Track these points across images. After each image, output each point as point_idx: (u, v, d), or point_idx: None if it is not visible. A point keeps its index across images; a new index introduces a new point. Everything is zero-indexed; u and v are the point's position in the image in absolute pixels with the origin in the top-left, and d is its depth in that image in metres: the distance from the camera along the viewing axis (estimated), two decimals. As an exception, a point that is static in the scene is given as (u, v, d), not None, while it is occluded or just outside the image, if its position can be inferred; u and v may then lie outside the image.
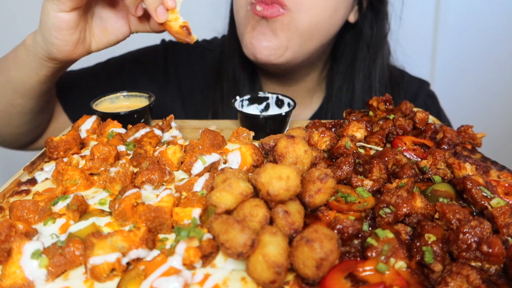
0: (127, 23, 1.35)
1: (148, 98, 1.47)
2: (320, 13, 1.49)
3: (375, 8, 1.72)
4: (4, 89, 1.44)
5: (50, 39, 1.23)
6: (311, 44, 1.58)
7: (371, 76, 1.77)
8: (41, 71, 1.34)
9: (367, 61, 1.76)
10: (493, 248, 0.73)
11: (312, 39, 1.56)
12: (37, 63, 1.32)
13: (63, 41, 1.23)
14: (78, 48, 1.29)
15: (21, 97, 1.43)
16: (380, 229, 0.81)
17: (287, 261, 0.70)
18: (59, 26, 1.20)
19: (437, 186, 0.98)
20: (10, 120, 1.51)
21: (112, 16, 1.34)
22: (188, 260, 0.74)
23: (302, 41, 1.54)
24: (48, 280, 0.75)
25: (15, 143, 1.68)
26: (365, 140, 1.26)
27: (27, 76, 1.37)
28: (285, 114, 1.31)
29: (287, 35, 1.50)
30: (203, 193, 0.93)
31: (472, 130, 1.29)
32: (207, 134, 1.17)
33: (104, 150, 1.08)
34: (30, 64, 1.34)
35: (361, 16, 1.73)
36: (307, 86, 1.88)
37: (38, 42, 1.27)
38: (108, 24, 1.34)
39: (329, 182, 0.85)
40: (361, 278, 0.72)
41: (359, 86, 1.77)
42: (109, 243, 0.76)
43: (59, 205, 0.90)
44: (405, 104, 1.38)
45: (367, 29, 1.74)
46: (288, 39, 1.51)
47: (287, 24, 1.48)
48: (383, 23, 1.74)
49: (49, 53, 1.27)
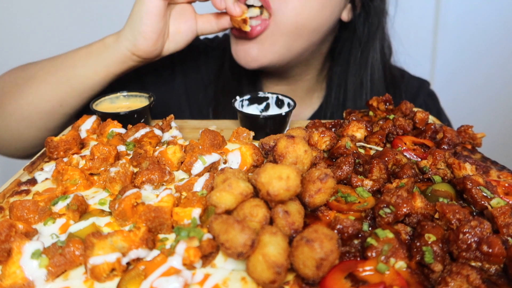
0: (195, 24, 1.51)
1: (148, 98, 1.47)
2: (304, 12, 1.49)
3: (365, 5, 1.72)
4: (60, 87, 1.49)
5: (140, 27, 1.38)
6: (299, 43, 1.58)
7: (361, 74, 1.77)
8: (114, 67, 1.46)
9: (358, 60, 1.77)
10: (493, 248, 0.73)
11: (299, 38, 1.56)
12: (114, 59, 1.44)
13: (151, 28, 1.38)
14: (159, 41, 1.43)
15: (76, 96, 1.50)
16: (380, 229, 0.81)
17: (287, 261, 0.70)
18: (152, 11, 1.36)
19: (437, 186, 0.98)
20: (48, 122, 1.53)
21: (184, 16, 1.49)
22: (188, 260, 0.74)
23: (288, 43, 1.55)
24: (48, 280, 0.75)
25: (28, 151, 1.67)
26: (365, 140, 1.26)
27: (94, 73, 1.47)
28: (285, 114, 1.31)
29: (272, 41, 1.53)
30: (203, 193, 0.93)
31: (472, 130, 1.29)
32: (207, 134, 1.17)
33: (104, 150, 1.08)
34: (105, 61, 1.45)
35: (355, 14, 1.73)
36: (306, 85, 1.89)
37: (125, 35, 1.41)
38: (180, 24, 1.48)
39: (329, 182, 0.85)
40: (361, 278, 0.72)
41: (351, 85, 1.78)
42: (109, 243, 0.76)
43: (59, 205, 0.90)
44: (405, 104, 1.38)
45: (360, 27, 1.74)
46: (273, 44, 1.54)
47: (271, 31, 1.51)
48: (374, 20, 1.74)
49: (134, 44, 1.41)
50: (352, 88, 1.78)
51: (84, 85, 1.48)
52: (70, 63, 1.49)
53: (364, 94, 1.77)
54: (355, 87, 1.78)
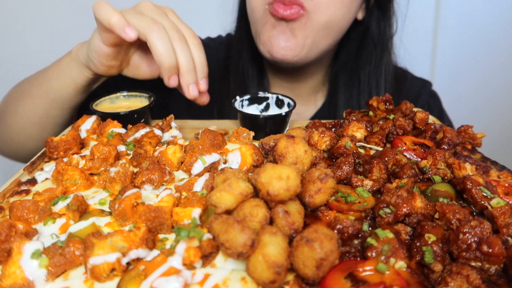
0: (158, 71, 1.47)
1: (148, 98, 1.47)
2: (336, 11, 1.52)
3: (382, 5, 1.74)
4: (42, 99, 1.50)
5: (90, 56, 1.36)
6: (325, 41, 1.61)
7: (377, 73, 1.79)
8: (79, 79, 1.44)
9: (374, 58, 1.78)
10: (493, 248, 0.73)
11: (327, 36, 1.59)
12: (78, 71, 1.43)
13: (100, 63, 1.36)
14: (112, 70, 1.42)
15: (57, 107, 1.51)
16: (380, 229, 0.81)
17: (287, 261, 0.70)
18: (100, 53, 1.33)
19: (437, 186, 0.98)
20: (42, 133, 1.55)
21: (148, 61, 1.46)
22: (188, 260, 0.74)
23: (317, 39, 1.57)
24: (48, 280, 0.75)
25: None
26: (365, 140, 1.26)
27: (66, 85, 1.46)
28: (285, 114, 1.31)
29: (304, 34, 1.54)
30: (203, 193, 0.93)
31: (472, 130, 1.29)
32: (207, 134, 1.17)
33: (104, 150, 1.08)
34: (71, 72, 1.44)
35: (368, 13, 1.75)
36: (313, 83, 1.90)
37: (83, 50, 1.39)
38: (142, 65, 1.47)
39: (329, 182, 0.85)
40: (361, 278, 0.72)
41: (366, 82, 1.79)
42: (109, 243, 0.76)
43: (59, 205, 0.90)
44: (405, 104, 1.38)
45: (374, 26, 1.77)
46: (305, 38, 1.55)
47: (304, 24, 1.52)
48: (390, 21, 1.77)
49: (87, 64, 1.40)
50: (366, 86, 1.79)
51: (61, 97, 1.49)
52: (47, 76, 1.50)
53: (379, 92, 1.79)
54: (370, 86, 1.79)
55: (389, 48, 1.80)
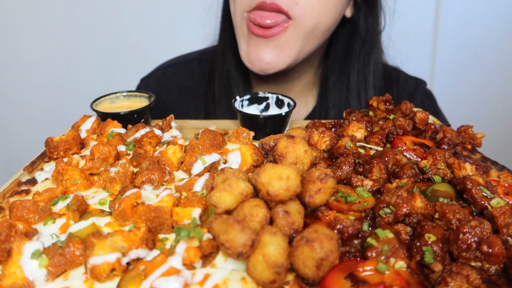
0: None
1: (148, 98, 1.47)
2: (322, 12, 1.48)
3: (369, 1, 1.70)
4: None
5: None
6: (312, 43, 1.57)
7: (366, 70, 1.75)
8: None
9: (362, 56, 1.74)
10: (493, 248, 0.73)
11: (313, 38, 1.55)
12: None
13: None
14: None
15: None
16: (380, 229, 0.81)
17: (287, 261, 0.70)
18: None
19: (437, 186, 0.98)
20: None
21: None
22: (188, 260, 0.74)
23: (303, 44, 1.52)
24: (48, 280, 0.75)
25: None
26: (365, 140, 1.26)
27: None
28: (285, 114, 1.31)
29: (291, 45, 1.48)
30: (203, 193, 0.93)
31: (472, 130, 1.29)
32: (207, 134, 1.17)
33: (104, 150, 1.08)
34: None
35: (356, 10, 1.71)
36: (302, 85, 1.86)
37: None
38: None
39: (329, 182, 0.85)
40: (361, 278, 0.72)
41: (354, 80, 1.75)
42: (109, 243, 0.76)
43: (59, 205, 0.90)
44: (405, 104, 1.38)
45: (362, 23, 1.73)
46: (291, 50, 1.49)
47: (289, 35, 1.46)
48: (378, 17, 1.73)
49: None
50: (355, 84, 1.75)
51: None
52: None
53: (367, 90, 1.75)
54: (359, 84, 1.75)
55: (378, 45, 1.76)
